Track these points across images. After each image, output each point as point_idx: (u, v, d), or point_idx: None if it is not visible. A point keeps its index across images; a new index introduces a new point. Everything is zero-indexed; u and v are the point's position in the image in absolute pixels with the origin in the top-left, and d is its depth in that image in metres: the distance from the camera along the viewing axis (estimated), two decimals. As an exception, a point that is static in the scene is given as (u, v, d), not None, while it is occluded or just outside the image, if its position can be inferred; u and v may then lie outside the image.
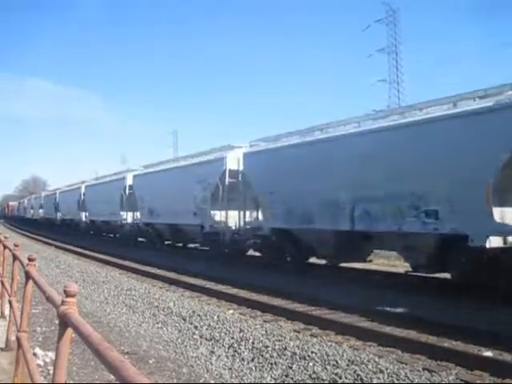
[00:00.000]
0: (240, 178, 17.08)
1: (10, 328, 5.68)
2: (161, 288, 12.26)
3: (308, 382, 5.67)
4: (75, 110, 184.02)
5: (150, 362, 6.41)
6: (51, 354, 5.81)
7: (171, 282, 13.01)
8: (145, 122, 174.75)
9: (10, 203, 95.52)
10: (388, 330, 7.71)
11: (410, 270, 11.42)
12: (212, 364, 6.44)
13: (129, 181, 26.76)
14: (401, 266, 13.86)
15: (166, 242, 23.98)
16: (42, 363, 5.72)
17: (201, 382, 5.81)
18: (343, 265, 14.36)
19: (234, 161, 17.27)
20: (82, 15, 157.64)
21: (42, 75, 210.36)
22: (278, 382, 5.78)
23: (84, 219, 35.90)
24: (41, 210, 51.39)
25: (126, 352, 6.67)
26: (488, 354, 6.40)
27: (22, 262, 5.20)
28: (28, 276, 4.23)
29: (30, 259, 4.37)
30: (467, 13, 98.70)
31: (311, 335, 7.50)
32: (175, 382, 5.73)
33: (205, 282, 12.70)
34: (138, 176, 26.28)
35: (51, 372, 3.21)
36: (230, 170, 17.28)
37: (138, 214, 25.63)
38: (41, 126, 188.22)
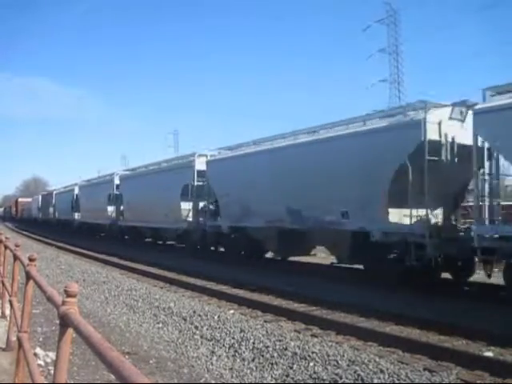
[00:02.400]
0: (454, 155, 10.82)
1: (10, 328, 5.68)
2: (161, 288, 12.25)
3: (309, 382, 5.67)
4: (75, 109, 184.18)
5: (151, 362, 6.41)
6: (52, 354, 5.81)
7: (172, 282, 13.00)
8: (145, 122, 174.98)
9: (21, 200, 73.18)
10: (388, 329, 7.71)
11: None
12: (213, 364, 6.44)
13: (199, 167, 19.30)
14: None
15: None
16: (42, 363, 5.72)
17: (201, 382, 5.82)
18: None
19: (434, 127, 10.75)
20: (82, 14, 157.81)
21: (42, 75, 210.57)
22: (279, 382, 5.78)
23: (119, 223, 27.65)
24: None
25: (127, 352, 6.67)
26: (489, 354, 6.40)
27: (22, 262, 5.20)
28: (28, 276, 4.23)
29: (30, 259, 4.37)
30: (468, 12, 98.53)
31: (312, 335, 7.49)
32: (176, 382, 5.74)
33: (205, 282, 12.69)
34: (214, 162, 18.55)
35: (52, 372, 3.21)
36: (431, 142, 10.63)
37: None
38: (41, 125, 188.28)
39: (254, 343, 7.02)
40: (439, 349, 6.47)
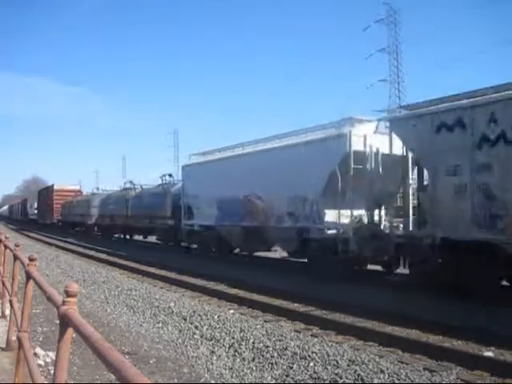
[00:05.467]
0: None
1: (10, 328, 5.68)
2: (161, 288, 12.25)
3: (309, 381, 5.67)
4: (75, 109, 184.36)
5: (151, 361, 6.41)
6: (52, 354, 5.81)
7: (172, 282, 12.99)
8: (145, 122, 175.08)
9: (65, 188, 42.60)
10: (388, 329, 7.71)
11: None
12: (213, 364, 6.44)
13: None
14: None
15: None
16: (42, 363, 5.72)
17: (201, 381, 5.82)
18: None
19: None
20: (83, 14, 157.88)
21: (42, 74, 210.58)
22: (279, 381, 5.78)
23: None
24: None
25: (127, 352, 6.67)
26: (489, 354, 6.40)
27: (22, 262, 5.20)
28: (28, 276, 4.23)
29: (30, 259, 4.37)
30: (468, 12, 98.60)
31: (312, 335, 7.49)
32: (176, 381, 5.74)
33: (205, 281, 12.69)
34: None
35: (52, 372, 3.21)
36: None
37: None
38: (41, 125, 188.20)
39: (253, 343, 7.02)
40: (439, 349, 6.48)
